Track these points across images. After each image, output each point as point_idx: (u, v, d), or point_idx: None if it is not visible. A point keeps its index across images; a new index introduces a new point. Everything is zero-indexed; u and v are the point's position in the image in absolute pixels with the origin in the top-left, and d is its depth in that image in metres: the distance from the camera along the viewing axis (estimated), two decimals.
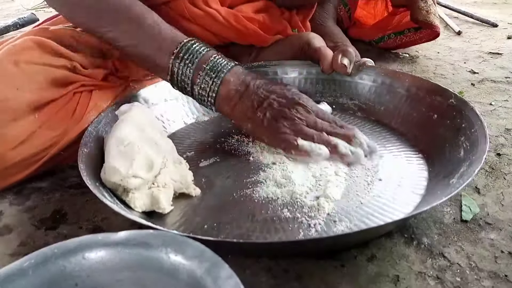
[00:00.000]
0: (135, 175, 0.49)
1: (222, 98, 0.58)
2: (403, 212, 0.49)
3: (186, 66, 0.57)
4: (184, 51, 0.58)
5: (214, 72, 0.57)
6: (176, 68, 0.58)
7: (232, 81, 0.58)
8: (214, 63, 0.58)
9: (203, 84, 0.58)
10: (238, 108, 0.58)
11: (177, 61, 0.58)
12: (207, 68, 0.57)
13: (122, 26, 0.59)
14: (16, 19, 1.38)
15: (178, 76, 0.58)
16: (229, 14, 0.74)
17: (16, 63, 0.57)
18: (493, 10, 1.41)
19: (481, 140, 0.52)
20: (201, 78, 0.57)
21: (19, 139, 0.56)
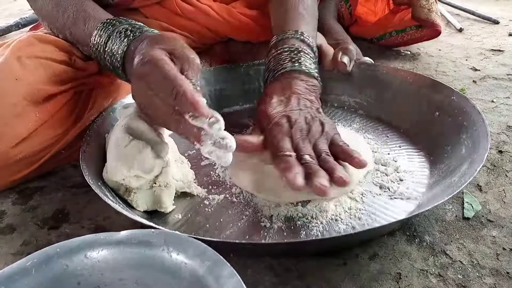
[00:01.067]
0: (137, 175, 0.49)
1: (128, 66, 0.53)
2: (405, 210, 0.49)
3: (103, 36, 0.55)
4: (104, 27, 0.56)
5: (129, 31, 0.53)
6: (96, 42, 0.56)
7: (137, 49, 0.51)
8: (127, 25, 0.55)
9: (115, 41, 0.54)
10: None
11: (97, 35, 0.56)
12: (120, 27, 0.54)
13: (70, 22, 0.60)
14: (18, 19, 1.39)
15: (96, 47, 0.56)
16: (222, 8, 0.75)
17: (19, 58, 0.58)
18: (495, 7, 1.41)
19: (483, 138, 0.52)
20: (113, 36, 0.54)
21: (21, 137, 0.56)
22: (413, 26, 0.97)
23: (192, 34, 0.77)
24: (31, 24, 1.38)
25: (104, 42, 0.55)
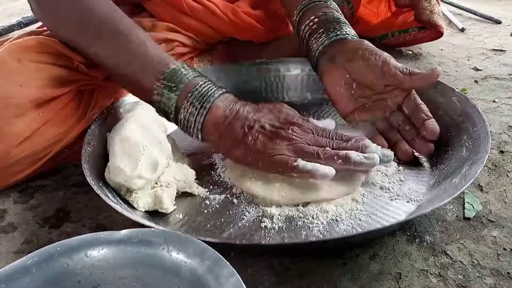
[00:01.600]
0: (140, 176, 0.49)
1: (209, 125, 0.52)
2: (406, 211, 0.49)
3: (171, 92, 0.52)
4: (170, 76, 0.52)
5: (202, 98, 0.52)
6: (161, 94, 0.52)
7: (221, 107, 0.52)
8: (202, 89, 0.52)
9: (190, 111, 0.52)
10: (226, 134, 0.52)
11: (161, 85, 0.52)
12: (195, 94, 0.52)
13: (105, 41, 0.55)
14: (20, 18, 1.39)
15: (162, 102, 0.53)
16: (227, 7, 0.75)
17: (20, 60, 0.57)
18: (497, 6, 1.40)
19: (483, 139, 0.52)
20: (187, 104, 0.52)
21: (23, 136, 0.56)
22: (416, 27, 0.97)
23: (196, 34, 0.77)
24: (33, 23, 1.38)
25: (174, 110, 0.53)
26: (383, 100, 0.58)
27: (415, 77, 0.55)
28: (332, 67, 0.59)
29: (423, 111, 0.56)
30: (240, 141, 0.51)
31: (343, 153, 0.49)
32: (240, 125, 0.52)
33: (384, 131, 0.59)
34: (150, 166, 0.50)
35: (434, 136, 0.55)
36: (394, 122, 0.58)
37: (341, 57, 0.58)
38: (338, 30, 0.60)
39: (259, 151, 0.50)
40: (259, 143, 0.51)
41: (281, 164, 0.49)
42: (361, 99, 0.59)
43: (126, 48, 0.54)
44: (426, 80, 0.55)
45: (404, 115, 0.57)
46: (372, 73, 0.56)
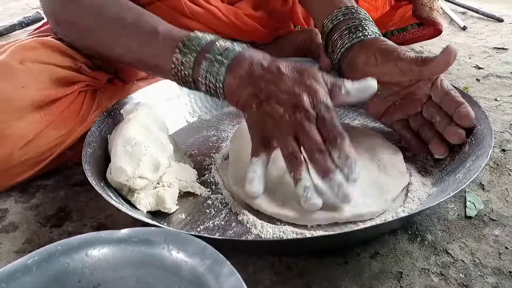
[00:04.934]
0: (142, 176, 0.49)
1: (229, 88, 0.50)
2: (409, 208, 0.49)
3: (187, 58, 0.51)
4: (184, 45, 0.51)
5: (219, 60, 0.50)
6: (179, 64, 0.51)
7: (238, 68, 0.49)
8: (218, 50, 0.50)
9: (211, 74, 0.50)
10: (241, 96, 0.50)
11: (178, 55, 0.51)
12: (211, 57, 0.50)
13: (120, 41, 0.56)
14: (21, 18, 1.39)
15: (180, 71, 0.52)
16: (229, 10, 0.74)
17: (22, 61, 0.57)
18: (499, 4, 1.40)
19: (487, 135, 0.51)
20: (205, 69, 0.50)
21: (26, 139, 0.56)
22: (414, 24, 0.97)
23: None
24: (35, 23, 1.39)
25: None
26: (412, 94, 0.56)
27: (431, 65, 0.52)
28: (353, 72, 0.58)
29: (453, 98, 0.53)
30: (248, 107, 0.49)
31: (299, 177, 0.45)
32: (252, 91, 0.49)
33: (419, 128, 0.56)
34: (152, 166, 0.50)
35: (469, 121, 0.52)
36: (427, 114, 0.56)
37: (358, 60, 0.57)
38: (356, 32, 0.59)
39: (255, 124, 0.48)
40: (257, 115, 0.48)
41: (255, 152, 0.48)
42: (389, 98, 0.57)
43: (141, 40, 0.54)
44: (443, 64, 0.52)
45: (436, 105, 0.55)
46: (389, 72, 0.55)
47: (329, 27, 0.62)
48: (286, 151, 0.46)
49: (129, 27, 0.55)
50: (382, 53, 0.55)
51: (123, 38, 0.56)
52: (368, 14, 0.62)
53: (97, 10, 0.57)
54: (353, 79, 0.52)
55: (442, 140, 0.54)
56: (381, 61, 0.55)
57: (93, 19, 0.58)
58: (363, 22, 0.59)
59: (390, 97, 0.57)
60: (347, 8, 0.61)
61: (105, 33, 0.57)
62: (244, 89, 0.49)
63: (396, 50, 0.54)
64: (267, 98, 0.48)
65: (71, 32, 0.61)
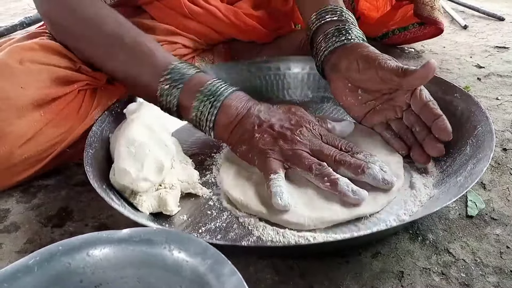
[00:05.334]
0: (146, 179, 0.49)
1: (221, 124, 0.53)
2: (410, 210, 0.49)
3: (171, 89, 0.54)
4: (171, 73, 0.54)
5: (212, 97, 0.52)
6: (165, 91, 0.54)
7: (232, 105, 0.53)
8: (212, 87, 0.53)
9: (201, 109, 0.53)
10: (236, 131, 0.53)
11: (164, 83, 0.54)
12: (205, 92, 0.53)
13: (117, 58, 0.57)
14: (22, 18, 1.39)
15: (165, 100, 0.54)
16: (229, 10, 0.74)
17: (21, 61, 0.57)
18: (500, 3, 1.40)
19: (488, 137, 0.51)
20: (197, 103, 0.53)
21: (26, 137, 0.56)
22: (416, 24, 0.96)
23: (198, 36, 0.77)
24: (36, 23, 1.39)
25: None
26: (392, 101, 0.56)
27: (411, 77, 0.52)
28: (335, 76, 0.59)
29: (431, 109, 0.53)
30: (246, 139, 0.52)
31: (334, 177, 0.48)
32: (251, 122, 0.53)
33: (400, 132, 0.57)
34: (156, 168, 0.50)
35: (446, 135, 0.52)
36: (407, 122, 0.56)
37: (341, 65, 0.58)
38: (339, 36, 0.59)
39: (259, 150, 0.51)
40: (262, 142, 0.51)
41: (266, 169, 0.50)
42: (370, 103, 0.58)
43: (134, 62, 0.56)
44: (422, 78, 0.52)
45: (415, 114, 0.55)
46: (370, 79, 0.56)
47: (314, 27, 0.63)
48: (308, 164, 0.49)
49: (125, 46, 0.57)
50: (364, 60, 0.56)
51: (117, 56, 0.57)
52: (352, 16, 0.63)
53: (92, 22, 0.58)
54: (336, 83, 0.58)
55: (423, 149, 0.54)
56: (363, 68, 0.56)
57: (88, 30, 0.58)
58: (347, 25, 0.60)
59: (370, 102, 0.58)
60: (333, 8, 0.62)
61: (99, 46, 0.58)
62: (239, 125, 0.53)
63: (378, 58, 0.55)
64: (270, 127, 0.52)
65: (64, 37, 0.62)
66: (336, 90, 0.60)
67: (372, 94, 0.57)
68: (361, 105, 0.58)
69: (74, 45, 0.61)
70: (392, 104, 0.57)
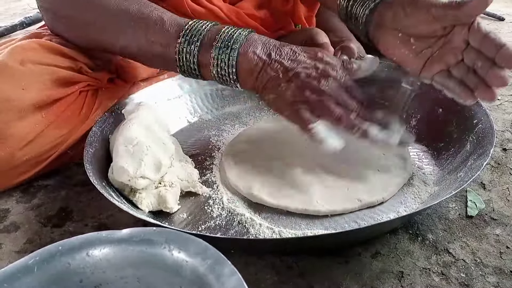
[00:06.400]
0: (143, 176, 0.49)
1: (243, 70, 0.51)
2: (410, 207, 0.49)
3: (189, 48, 0.52)
4: (187, 33, 0.53)
5: (227, 47, 0.51)
6: (183, 53, 0.52)
7: (251, 49, 0.51)
8: (225, 37, 0.51)
9: (219, 62, 0.51)
10: (261, 78, 0.52)
11: (182, 45, 0.52)
12: (220, 42, 0.51)
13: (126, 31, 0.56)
14: (22, 18, 1.39)
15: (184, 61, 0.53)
16: (231, 11, 0.74)
17: (23, 62, 0.57)
18: (500, 3, 1.40)
19: (488, 133, 0.51)
20: (216, 52, 0.51)
21: (27, 139, 0.56)
22: None
23: None
24: (36, 23, 1.39)
25: None
26: (449, 43, 0.52)
27: (467, 7, 0.47)
28: (381, 32, 0.56)
29: (493, 40, 0.48)
30: (273, 86, 0.51)
31: (364, 126, 0.49)
32: (274, 70, 0.51)
33: (463, 78, 0.52)
34: (154, 166, 0.50)
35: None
36: (468, 61, 0.51)
37: (386, 19, 0.55)
38: None
39: (287, 100, 0.50)
40: (289, 92, 0.50)
41: (301, 121, 0.50)
42: (426, 51, 0.53)
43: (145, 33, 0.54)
44: (480, 5, 0.48)
45: (476, 50, 0.50)
46: (422, 22, 0.51)
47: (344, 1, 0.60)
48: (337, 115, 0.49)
49: (133, 17, 0.55)
50: (410, 3, 0.52)
51: (127, 29, 0.55)
52: None
53: (97, 2, 0.57)
54: (384, 38, 0.55)
55: (488, 85, 0.50)
56: (411, 12, 0.52)
57: (94, 12, 0.57)
58: None
59: (426, 50, 0.53)
60: None
61: (108, 25, 0.57)
62: (263, 71, 0.51)
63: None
64: (295, 76, 0.50)
65: (70, 28, 0.61)
66: (386, 46, 0.56)
67: (426, 41, 0.53)
68: (417, 56, 0.54)
69: (81, 33, 0.60)
70: (450, 47, 0.52)
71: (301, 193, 0.51)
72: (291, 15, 0.82)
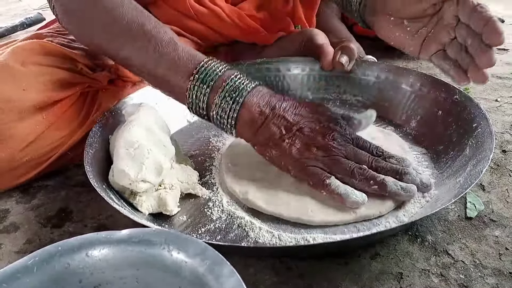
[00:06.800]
0: (144, 180, 0.49)
1: (243, 121, 0.51)
2: (409, 211, 0.49)
3: (202, 88, 0.51)
4: (201, 72, 0.51)
5: (234, 92, 0.50)
6: (194, 91, 0.51)
7: (255, 102, 0.50)
8: (234, 83, 0.50)
9: (222, 106, 0.50)
10: (262, 133, 0.50)
11: (195, 82, 0.51)
12: (226, 88, 0.50)
13: (133, 43, 0.53)
14: (23, 19, 1.40)
15: (194, 99, 0.52)
16: (233, 11, 0.74)
17: (24, 63, 0.57)
18: (500, 5, 1.40)
19: (487, 138, 0.51)
20: (219, 99, 0.50)
21: (27, 140, 0.56)
22: None
23: (200, 38, 0.77)
24: (36, 23, 1.39)
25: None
26: (441, 20, 0.52)
27: None
28: (375, 19, 0.57)
29: (479, 13, 0.47)
30: (276, 143, 0.50)
31: (380, 179, 0.47)
32: (276, 126, 0.50)
33: (457, 57, 0.52)
34: (155, 169, 0.50)
35: (496, 39, 0.47)
36: (460, 38, 0.51)
37: (377, 5, 0.56)
38: None
39: (293, 157, 0.49)
40: (295, 149, 0.49)
41: (314, 177, 0.48)
42: (421, 31, 0.54)
43: (154, 49, 0.52)
44: None
45: (466, 26, 0.49)
46: (411, 2, 0.52)
47: None
48: (349, 170, 0.48)
49: (147, 33, 0.53)
50: None
51: (139, 43, 0.53)
52: None
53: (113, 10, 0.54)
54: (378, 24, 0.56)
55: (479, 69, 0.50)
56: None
57: (108, 18, 0.54)
58: None
59: (421, 30, 0.54)
60: None
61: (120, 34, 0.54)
62: (264, 126, 0.50)
63: None
64: (299, 131, 0.50)
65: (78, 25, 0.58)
66: (382, 31, 0.57)
67: (419, 21, 0.53)
68: (413, 37, 0.54)
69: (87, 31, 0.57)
70: (442, 24, 0.52)
71: (296, 201, 0.49)
72: (291, 16, 0.82)
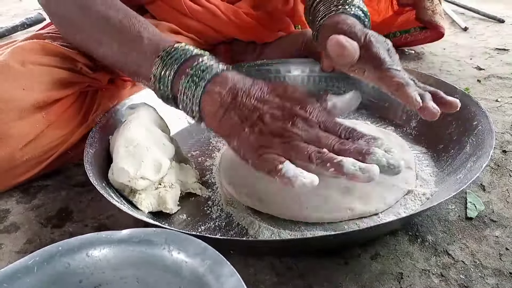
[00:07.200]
0: (143, 177, 0.49)
1: (207, 111, 0.47)
2: (409, 209, 0.49)
3: (167, 71, 0.48)
4: (166, 55, 0.48)
5: (197, 78, 0.46)
6: (158, 77, 0.48)
7: (216, 90, 0.46)
8: (199, 67, 0.47)
9: (186, 92, 0.47)
10: (224, 122, 0.46)
11: (159, 66, 0.48)
12: (191, 73, 0.47)
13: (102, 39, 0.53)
14: (23, 19, 1.40)
15: (159, 85, 0.49)
16: (228, 9, 0.75)
17: (23, 63, 0.57)
18: (500, 5, 1.40)
19: (488, 136, 0.52)
20: (183, 85, 0.47)
21: (27, 139, 0.56)
22: (417, 27, 0.97)
23: (198, 35, 0.77)
24: (36, 24, 1.39)
25: None
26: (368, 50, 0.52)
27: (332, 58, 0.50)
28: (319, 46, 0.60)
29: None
30: (236, 132, 0.45)
31: (337, 161, 0.41)
32: (237, 114, 0.45)
33: None
34: (154, 167, 0.50)
35: None
36: None
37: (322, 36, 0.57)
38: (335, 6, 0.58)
39: (251, 146, 0.44)
40: (252, 138, 0.44)
41: (268, 164, 0.43)
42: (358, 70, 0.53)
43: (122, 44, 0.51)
44: (334, 51, 0.49)
45: None
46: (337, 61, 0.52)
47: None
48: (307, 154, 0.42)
49: (112, 28, 0.52)
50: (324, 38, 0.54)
51: (105, 39, 0.53)
52: None
53: (83, 4, 0.54)
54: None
55: None
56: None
57: (78, 14, 0.55)
58: None
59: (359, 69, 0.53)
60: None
61: (88, 30, 0.54)
62: (226, 115, 0.46)
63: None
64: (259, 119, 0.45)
65: (61, 26, 0.60)
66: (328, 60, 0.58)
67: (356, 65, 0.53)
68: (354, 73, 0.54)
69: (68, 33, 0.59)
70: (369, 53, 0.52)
71: (292, 199, 0.49)
72: (291, 16, 0.82)
